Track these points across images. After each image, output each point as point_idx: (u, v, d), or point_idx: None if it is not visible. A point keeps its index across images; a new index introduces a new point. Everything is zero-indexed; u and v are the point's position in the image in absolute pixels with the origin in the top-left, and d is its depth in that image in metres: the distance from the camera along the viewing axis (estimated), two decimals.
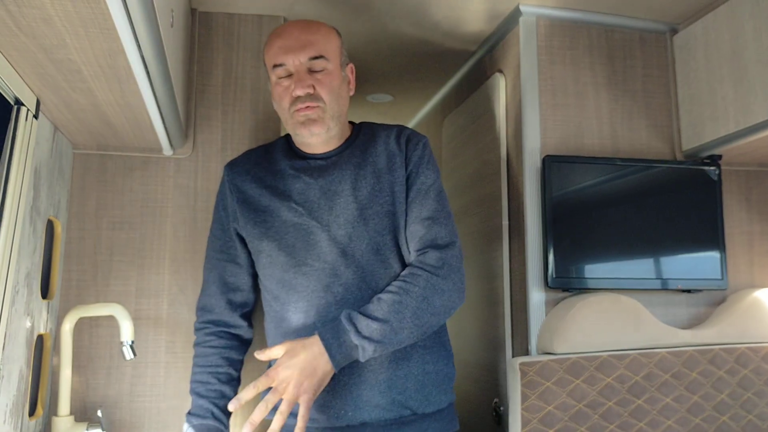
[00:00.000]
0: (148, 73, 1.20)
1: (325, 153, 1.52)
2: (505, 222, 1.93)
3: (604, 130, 1.92)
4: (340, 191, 1.45)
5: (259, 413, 1.26)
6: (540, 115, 1.86)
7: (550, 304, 1.78)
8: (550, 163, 1.79)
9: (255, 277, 1.59)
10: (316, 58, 1.42)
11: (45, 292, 1.61)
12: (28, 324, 1.46)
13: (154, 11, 1.04)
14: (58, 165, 1.64)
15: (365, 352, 1.30)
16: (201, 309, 1.58)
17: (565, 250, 1.77)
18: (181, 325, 1.76)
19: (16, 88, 1.25)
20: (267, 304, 1.55)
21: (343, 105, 1.49)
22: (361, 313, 1.32)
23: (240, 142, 1.88)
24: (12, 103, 1.31)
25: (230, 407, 1.29)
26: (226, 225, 1.55)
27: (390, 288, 1.37)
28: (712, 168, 1.89)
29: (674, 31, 2.01)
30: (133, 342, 1.56)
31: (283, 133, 1.91)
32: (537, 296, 1.78)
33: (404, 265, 1.46)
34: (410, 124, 3.17)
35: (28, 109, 1.34)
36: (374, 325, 1.30)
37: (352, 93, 1.54)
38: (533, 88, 1.87)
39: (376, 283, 1.42)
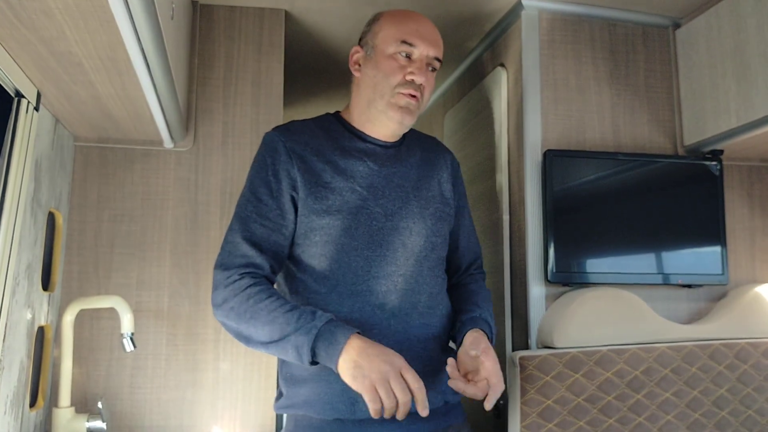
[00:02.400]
0: (148, 65, 1.21)
1: (386, 142, 1.51)
2: (506, 216, 1.93)
3: (606, 124, 1.91)
4: (404, 185, 1.47)
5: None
6: (541, 110, 1.86)
7: (551, 299, 1.78)
8: (552, 158, 1.78)
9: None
10: (437, 59, 1.46)
11: (46, 284, 1.61)
12: (29, 316, 1.46)
13: (154, 4, 1.04)
14: (60, 157, 1.65)
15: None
16: (246, 265, 1.35)
17: (565, 244, 1.77)
18: (182, 317, 1.77)
19: (16, 80, 1.25)
20: (302, 288, 1.43)
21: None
22: (489, 311, 1.50)
23: (241, 136, 1.88)
24: (12, 95, 1.31)
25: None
26: (278, 191, 1.40)
27: (486, 299, 1.54)
28: (713, 163, 1.88)
29: (677, 26, 2.00)
30: (133, 334, 1.56)
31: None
32: (537, 290, 1.78)
33: (442, 265, 1.53)
34: None
35: (28, 102, 1.35)
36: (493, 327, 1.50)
37: None
38: (535, 83, 1.86)
39: (426, 280, 1.45)
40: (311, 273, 1.41)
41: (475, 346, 1.35)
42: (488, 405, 1.29)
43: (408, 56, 1.43)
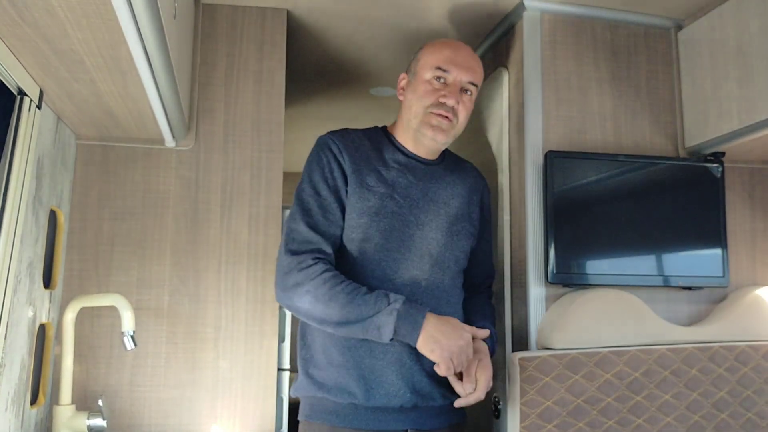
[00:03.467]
0: (150, 64, 1.21)
1: (427, 159, 1.62)
2: (507, 217, 1.93)
3: (607, 126, 1.91)
4: (438, 200, 1.58)
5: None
6: (543, 111, 1.86)
7: (551, 300, 1.79)
8: (553, 159, 1.78)
9: None
10: (472, 83, 1.57)
11: (47, 282, 1.62)
12: (30, 313, 1.47)
13: (156, 2, 1.04)
14: (61, 155, 1.65)
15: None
16: (314, 251, 1.45)
17: (566, 245, 1.77)
18: (182, 316, 1.77)
19: (19, 78, 1.26)
20: None
21: (463, 129, 1.61)
22: (493, 328, 1.60)
23: (242, 135, 1.89)
24: (15, 93, 1.31)
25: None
26: (335, 187, 1.51)
27: (491, 315, 1.67)
28: (715, 165, 1.88)
29: (679, 27, 2.00)
30: (133, 332, 1.56)
31: (286, 132, 1.93)
32: (537, 291, 1.78)
33: (461, 278, 1.64)
34: None
35: (31, 100, 1.35)
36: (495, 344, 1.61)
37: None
38: (536, 84, 1.86)
39: (446, 289, 1.56)
40: (344, 266, 1.50)
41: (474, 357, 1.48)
42: (458, 403, 1.46)
43: (444, 81, 1.55)
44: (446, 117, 1.53)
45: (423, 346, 1.38)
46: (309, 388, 1.50)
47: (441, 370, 1.38)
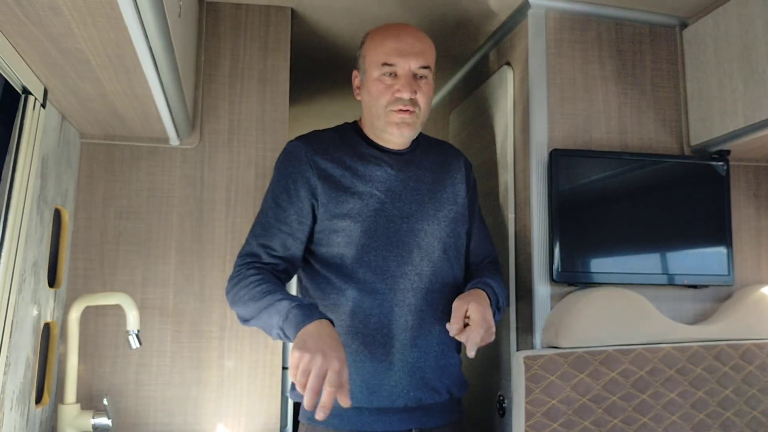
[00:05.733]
0: (155, 63, 1.21)
1: (400, 150, 1.60)
2: (512, 215, 1.92)
3: (612, 124, 1.90)
4: (419, 189, 1.56)
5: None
6: (548, 109, 1.85)
7: (556, 298, 1.78)
8: (558, 157, 1.78)
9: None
10: (424, 67, 1.51)
11: (52, 281, 1.62)
12: (35, 312, 1.47)
13: (162, 1, 1.04)
14: (66, 154, 1.65)
15: (498, 314, 1.53)
16: (253, 262, 1.47)
17: (571, 244, 1.76)
18: (187, 314, 1.77)
19: (23, 76, 1.26)
20: (325, 284, 1.51)
21: (428, 113, 1.59)
22: (497, 284, 1.56)
23: (247, 133, 1.89)
24: (19, 91, 1.31)
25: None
26: (297, 198, 1.50)
27: (494, 276, 1.61)
28: (720, 163, 1.87)
29: (684, 25, 1.99)
30: (138, 331, 1.57)
31: (290, 130, 1.92)
32: (542, 290, 1.77)
33: (458, 267, 1.61)
34: None
35: (35, 98, 1.35)
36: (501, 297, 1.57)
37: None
38: (541, 82, 1.86)
39: (443, 279, 1.54)
40: (333, 271, 1.50)
41: (461, 297, 1.45)
42: (469, 352, 1.37)
43: (394, 74, 1.51)
44: (407, 111, 1.49)
45: (296, 340, 1.25)
46: None
47: (292, 359, 1.22)
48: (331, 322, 1.31)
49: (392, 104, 1.50)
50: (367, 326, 1.46)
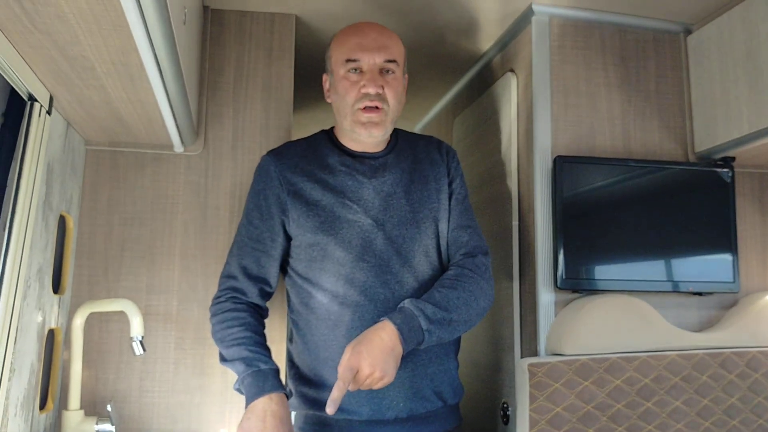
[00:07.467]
0: (160, 70, 1.21)
1: (374, 153, 1.56)
2: (516, 222, 1.92)
3: (617, 130, 1.90)
4: (393, 193, 1.52)
5: (338, 392, 1.27)
6: (552, 116, 1.85)
7: (560, 305, 1.78)
8: (562, 164, 1.78)
9: (280, 270, 1.58)
10: (389, 61, 1.49)
11: (56, 287, 1.62)
12: (40, 318, 1.47)
13: (167, 9, 1.04)
14: (71, 161, 1.65)
15: (430, 337, 1.37)
16: (231, 289, 1.51)
17: (575, 251, 1.76)
18: (191, 321, 1.77)
19: (29, 84, 1.26)
20: (308, 299, 1.51)
21: (400, 110, 1.55)
22: (426, 301, 1.39)
23: (251, 140, 1.89)
24: (26, 98, 1.32)
25: (329, 411, 1.26)
26: (269, 215, 1.51)
27: (446, 283, 1.46)
28: (725, 170, 1.87)
29: (688, 32, 1.99)
30: (142, 338, 1.57)
31: (292, 132, 1.93)
32: (546, 297, 1.77)
33: (444, 267, 1.54)
34: (421, 124, 3.16)
35: (41, 105, 1.35)
36: (440, 314, 1.38)
37: (403, 101, 1.58)
38: (545, 88, 1.86)
39: (426, 284, 1.49)
40: (314, 285, 1.49)
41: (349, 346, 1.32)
42: (327, 408, 1.27)
43: (359, 70, 1.49)
44: (374, 108, 1.46)
45: (244, 414, 1.36)
46: (302, 406, 1.50)
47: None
48: (286, 394, 1.39)
49: (359, 101, 1.47)
50: (350, 340, 1.37)
